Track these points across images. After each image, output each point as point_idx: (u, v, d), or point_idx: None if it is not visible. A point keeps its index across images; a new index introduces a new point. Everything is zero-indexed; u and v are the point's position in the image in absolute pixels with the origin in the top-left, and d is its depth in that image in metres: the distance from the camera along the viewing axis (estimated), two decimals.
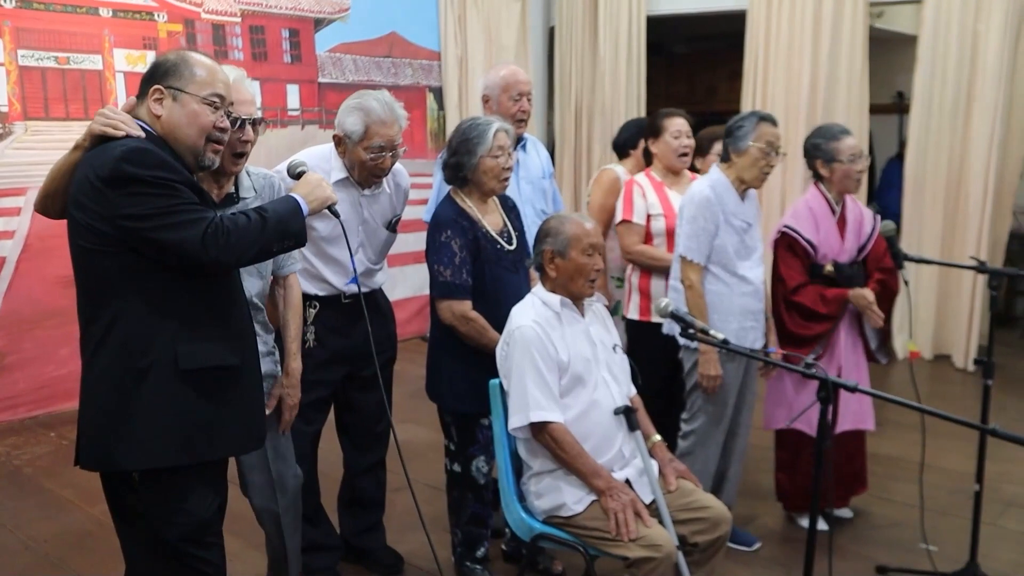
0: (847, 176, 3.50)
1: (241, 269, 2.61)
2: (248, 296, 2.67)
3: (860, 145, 3.56)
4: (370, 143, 2.93)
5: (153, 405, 2.12)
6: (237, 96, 2.51)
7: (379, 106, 2.93)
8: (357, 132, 2.94)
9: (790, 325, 3.50)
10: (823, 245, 3.53)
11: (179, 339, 2.14)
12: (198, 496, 2.22)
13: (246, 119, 2.52)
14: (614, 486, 2.58)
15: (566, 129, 7.88)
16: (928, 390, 5.70)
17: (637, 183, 3.84)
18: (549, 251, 2.76)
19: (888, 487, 4.16)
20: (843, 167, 3.49)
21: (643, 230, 3.80)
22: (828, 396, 2.33)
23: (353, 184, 3.06)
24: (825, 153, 3.51)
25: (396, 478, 4.20)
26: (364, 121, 2.93)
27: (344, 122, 2.97)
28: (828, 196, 3.56)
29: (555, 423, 2.62)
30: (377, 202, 3.16)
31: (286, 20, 6.19)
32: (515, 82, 3.66)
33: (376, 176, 3.03)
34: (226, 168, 2.54)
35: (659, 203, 3.78)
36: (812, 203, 3.56)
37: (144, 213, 2.04)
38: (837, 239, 3.56)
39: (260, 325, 2.71)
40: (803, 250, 3.51)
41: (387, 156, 2.97)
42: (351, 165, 3.03)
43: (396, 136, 2.97)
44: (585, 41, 7.67)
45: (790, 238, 3.50)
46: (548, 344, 2.67)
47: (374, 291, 3.27)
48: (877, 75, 7.32)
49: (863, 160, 3.54)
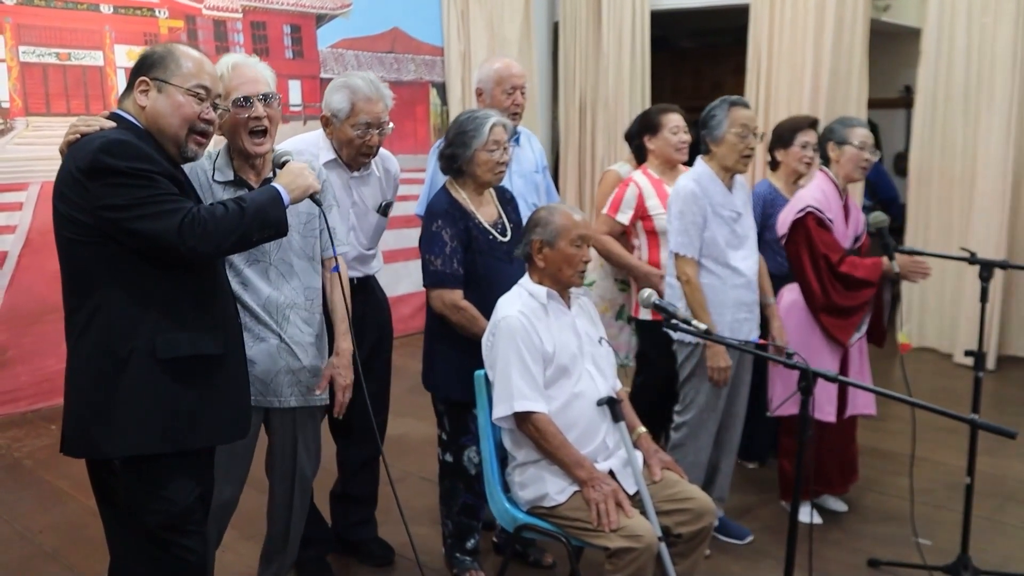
0: (855, 160, 3.53)
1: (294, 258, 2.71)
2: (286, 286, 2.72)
3: (872, 138, 3.59)
4: (356, 120, 2.99)
5: (133, 394, 2.15)
6: (240, 77, 2.58)
7: (364, 84, 3.00)
8: (344, 110, 3.00)
9: (836, 298, 3.50)
10: (834, 229, 3.55)
11: (159, 329, 2.17)
12: (179, 484, 2.24)
13: (251, 96, 2.57)
14: (596, 477, 2.58)
15: (570, 124, 7.86)
16: (938, 384, 5.65)
17: (635, 182, 3.83)
18: (537, 241, 2.76)
19: (883, 481, 4.15)
20: (853, 150, 3.53)
21: (620, 229, 3.83)
22: (808, 386, 2.33)
23: (342, 166, 3.10)
24: (838, 135, 3.57)
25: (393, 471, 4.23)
26: (350, 99, 2.99)
27: (331, 101, 3.03)
28: (836, 181, 3.58)
29: (539, 413, 2.63)
30: (367, 184, 3.19)
31: (288, 16, 6.21)
32: (509, 75, 3.65)
33: (364, 155, 3.07)
34: (248, 149, 2.59)
35: (659, 202, 3.77)
36: (824, 186, 3.58)
37: (122, 204, 2.07)
38: (843, 224, 3.58)
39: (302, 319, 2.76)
40: (829, 227, 3.52)
41: (374, 133, 3.03)
42: (339, 145, 3.07)
43: (382, 113, 3.02)
44: (589, 35, 7.65)
45: (817, 216, 3.50)
46: (533, 335, 2.67)
47: (368, 277, 3.29)
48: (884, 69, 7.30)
49: (873, 151, 3.55)
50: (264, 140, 2.64)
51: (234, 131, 2.63)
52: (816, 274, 3.50)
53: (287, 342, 2.73)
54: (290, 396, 2.77)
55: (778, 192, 3.98)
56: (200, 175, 2.67)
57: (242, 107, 2.59)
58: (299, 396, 2.79)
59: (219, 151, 2.73)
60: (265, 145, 2.64)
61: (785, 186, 4.01)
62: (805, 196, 3.55)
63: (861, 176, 3.59)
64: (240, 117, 2.60)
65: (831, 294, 3.50)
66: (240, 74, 2.61)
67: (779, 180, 4.09)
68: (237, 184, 2.67)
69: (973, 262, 3.20)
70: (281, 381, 2.74)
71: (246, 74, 2.61)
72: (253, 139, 2.61)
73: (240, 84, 2.59)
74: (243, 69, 2.62)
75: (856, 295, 3.50)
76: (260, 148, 2.63)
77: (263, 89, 2.62)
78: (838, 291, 3.50)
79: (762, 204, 3.95)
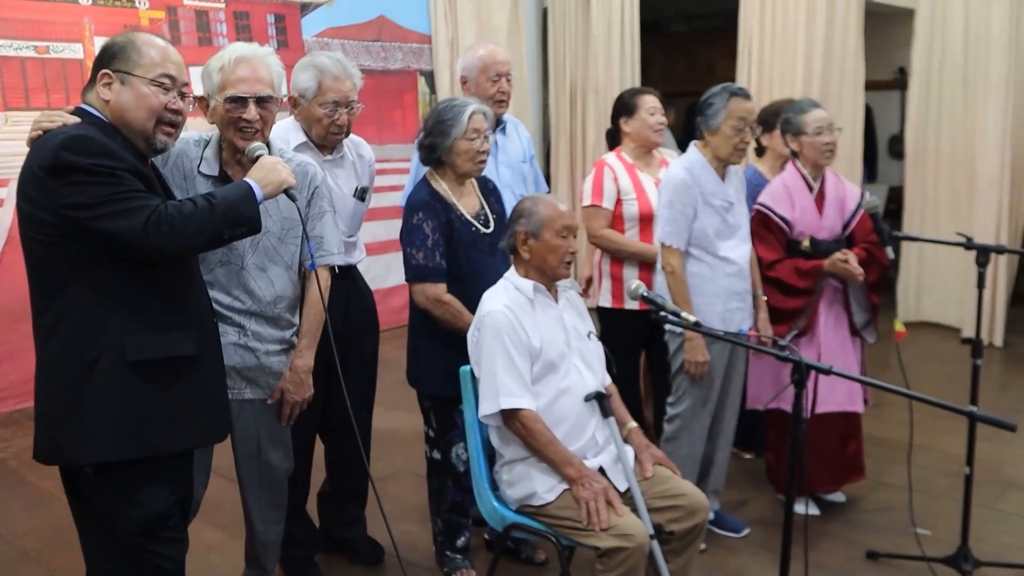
0: (815, 148, 3.45)
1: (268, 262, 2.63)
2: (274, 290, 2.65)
3: (829, 118, 3.48)
4: (324, 98, 2.94)
5: (103, 398, 2.09)
6: (240, 72, 2.50)
7: (331, 62, 2.95)
8: (311, 89, 2.94)
9: (770, 300, 3.48)
10: (799, 222, 3.48)
11: (128, 330, 2.10)
12: (153, 490, 2.18)
13: (247, 97, 2.48)
14: (585, 474, 2.51)
15: (561, 111, 7.78)
16: (943, 370, 5.56)
17: (609, 166, 3.76)
18: (522, 232, 2.69)
19: (882, 470, 4.08)
20: (809, 139, 3.45)
21: (611, 214, 3.73)
22: (802, 379, 2.26)
23: (313, 149, 3.04)
24: (793, 126, 3.49)
25: (384, 466, 4.18)
26: (317, 77, 2.94)
27: (297, 80, 2.97)
28: (804, 172, 3.51)
29: (526, 410, 2.56)
30: (340, 167, 3.13)
31: (271, 6, 6.11)
32: (493, 62, 3.56)
33: (334, 135, 3.01)
34: (236, 143, 2.52)
35: (632, 187, 3.70)
36: (788, 180, 3.52)
37: (85, 202, 2.01)
38: (815, 216, 3.50)
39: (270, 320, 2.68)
40: (777, 226, 3.47)
41: (342, 112, 2.97)
42: (307, 126, 3.02)
43: (350, 92, 2.97)
44: (578, 21, 7.55)
45: (763, 215, 3.47)
46: (519, 329, 2.60)
47: (351, 267, 3.21)
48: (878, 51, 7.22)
49: (831, 132, 3.46)
50: (254, 137, 2.55)
51: (223, 125, 2.55)
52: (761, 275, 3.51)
53: (247, 341, 2.65)
54: (245, 389, 2.68)
55: (763, 178, 3.91)
56: (185, 163, 2.59)
57: (235, 105, 2.50)
58: (255, 388, 2.70)
59: (209, 139, 2.65)
60: (255, 140, 2.54)
61: (771, 171, 3.93)
62: (764, 192, 3.52)
63: (828, 160, 3.49)
64: (230, 115, 2.51)
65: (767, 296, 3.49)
66: (240, 69, 2.51)
67: (765, 165, 4.01)
68: (221, 180, 2.58)
69: (970, 247, 3.13)
70: (234, 376, 2.64)
71: (247, 71, 2.51)
72: (243, 135, 2.53)
73: (237, 81, 2.50)
74: (245, 64, 2.51)
75: (789, 300, 3.49)
76: (248, 143, 2.52)
77: (261, 90, 2.52)
78: (772, 295, 3.49)
79: (749, 192, 3.88)
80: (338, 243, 2.84)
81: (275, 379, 2.72)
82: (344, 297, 3.13)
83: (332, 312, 3.05)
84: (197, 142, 2.63)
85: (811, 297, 3.47)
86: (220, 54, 2.55)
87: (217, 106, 2.52)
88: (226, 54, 2.54)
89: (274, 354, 2.71)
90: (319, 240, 2.75)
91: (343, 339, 3.12)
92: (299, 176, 2.65)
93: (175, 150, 2.58)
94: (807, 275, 3.45)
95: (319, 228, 2.75)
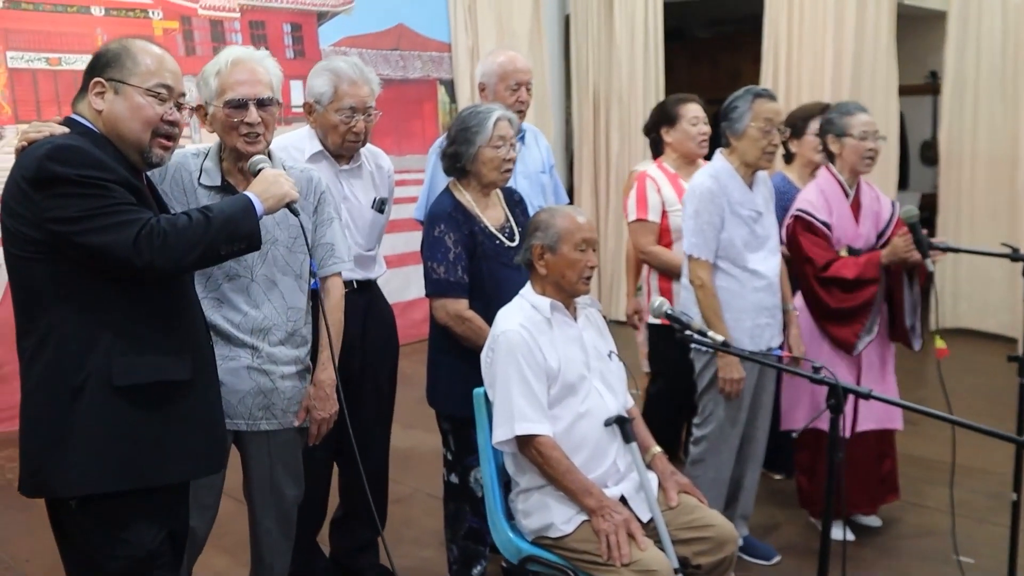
0: (857, 152, 3.27)
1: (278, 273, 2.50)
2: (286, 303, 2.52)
3: (875, 124, 3.32)
4: (340, 104, 2.83)
5: (89, 426, 1.96)
6: (237, 75, 2.39)
7: (348, 67, 2.85)
8: (327, 94, 2.84)
9: (832, 302, 3.27)
10: (837, 229, 3.31)
11: (115, 352, 1.97)
12: (142, 526, 2.04)
13: (247, 99, 2.37)
14: (606, 505, 2.35)
15: (584, 120, 7.63)
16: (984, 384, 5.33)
17: (651, 177, 3.62)
18: (539, 246, 2.54)
19: (921, 491, 3.89)
20: (853, 142, 3.27)
21: (658, 228, 3.59)
22: (839, 404, 2.10)
23: (329, 158, 2.93)
24: (837, 127, 3.31)
25: (401, 487, 4.04)
26: (333, 82, 2.83)
27: (313, 85, 2.86)
28: (840, 178, 3.33)
29: (542, 436, 2.40)
30: (358, 178, 3.01)
31: (288, 14, 6.01)
32: (513, 70, 3.43)
33: (351, 143, 2.89)
34: (241, 149, 2.41)
35: (676, 198, 3.56)
36: (823, 185, 3.35)
37: (70, 215, 1.89)
38: (851, 223, 3.33)
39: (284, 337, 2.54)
40: (821, 231, 3.29)
41: (359, 118, 2.85)
42: (323, 133, 2.90)
43: (368, 97, 2.86)
44: (601, 28, 7.42)
45: (806, 221, 3.28)
46: (536, 350, 2.45)
47: (370, 281, 3.09)
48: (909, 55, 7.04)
49: (876, 139, 3.29)
50: (258, 140, 2.43)
51: (224, 131, 2.43)
52: (806, 280, 3.30)
53: (261, 363, 2.51)
54: (261, 419, 2.54)
55: (792, 185, 3.74)
56: (184, 176, 2.47)
57: (235, 109, 2.39)
58: (271, 419, 2.56)
59: (208, 150, 2.53)
60: (259, 146, 2.43)
61: (800, 178, 3.77)
62: (800, 199, 3.34)
63: (868, 168, 3.32)
64: (231, 119, 2.39)
65: (824, 299, 3.28)
66: (237, 72, 2.40)
67: (794, 172, 3.85)
68: (224, 190, 2.46)
69: (1016, 259, 2.95)
70: (249, 403, 2.51)
71: (245, 73, 2.40)
72: (247, 139, 2.41)
73: (236, 84, 2.39)
74: (242, 67, 2.41)
75: (854, 296, 3.26)
76: (254, 148, 2.42)
77: (261, 92, 2.41)
78: (833, 295, 3.27)
79: (777, 199, 3.72)
80: (348, 249, 2.72)
81: (289, 404, 2.58)
82: (363, 313, 3.01)
83: (350, 328, 2.96)
84: (196, 154, 2.51)
85: (876, 287, 3.25)
86: (215, 59, 2.44)
87: (216, 112, 2.41)
88: (222, 58, 2.43)
89: (289, 377, 2.57)
90: (330, 247, 2.62)
91: (361, 356, 3.01)
92: (303, 183, 2.54)
93: (173, 163, 2.46)
94: (868, 265, 3.25)
95: (328, 235, 2.63)
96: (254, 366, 2.50)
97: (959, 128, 6.53)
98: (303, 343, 2.60)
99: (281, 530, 2.73)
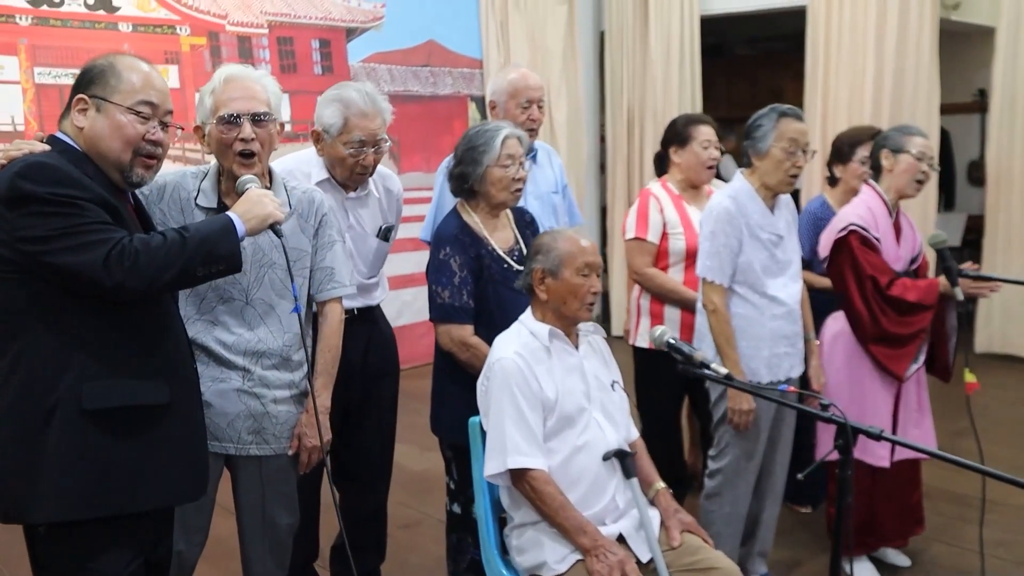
0: (911, 171, 3.11)
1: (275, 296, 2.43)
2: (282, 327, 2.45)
3: (934, 150, 3.21)
4: (349, 137, 2.71)
5: (59, 450, 1.91)
6: (230, 92, 2.34)
7: (359, 97, 2.71)
8: (336, 125, 2.72)
9: (888, 324, 3.09)
10: (882, 247, 3.14)
11: (88, 376, 1.92)
12: (114, 554, 1.98)
13: (240, 115, 2.32)
14: (601, 544, 2.22)
15: (618, 137, 7.51)
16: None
17: (654, 195, 3.49)
18: (539, 270, 2.43)
19: (953, 529, 3.68)
20: (909, 159, 3.11)
21: (655, 249, 3.45)
22: (847, 444, 1.96)
23: (336, 186, 2.83)
24: (894, 142, 3.15)
25: (410, 512, 3.95)
26: (343, 113, 2.70)
27: (322, 115, 2.75)
28: (885, 197, 3.17)
29: (536, 470, 2.29)
30: (365, 206, 2.93)
31: (316, 30, 5.98)
32: (524, 87, 3.35)
33: (359, 175, 2.80)
34: (235, 171, 2.35)
35: (679, 220, 3.42)
36: (870, 201, 3.17)
37: (42, 235, 1.84)
38: (893, 244, 3.17)
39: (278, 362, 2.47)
40: (876, 246, 3.12)
41: (369, 152, 2.74)
42: (331, 164, 2.81)
43: (379, 130, 2.74)
44: (636, 44, 7.30)
45: (861, 235, 3.10)
46: (532, 379, 2.34)
47: (371, 308, 3.00)
48: (955, 72, 6.83)
49: (932, 166, 3.15)
50: (253, 162, 2.37)
51: (220, 151, 2.37)
52: (863, 299, 3.09)
53: (252, 386, 2.43)
54: (251, 444, 2.46)
55: (831, 211, 3.58)
56: (182, 195, 2.42)
57: (228, 125, 2.33)
58: (263, 444, 2.48)
59: (207, 170, 2.47)
60: (254, 168, 2.37)
61: (840, 204, 3.60)
62: (848, 213, 3.16)
63: (915, 191, 3.16)
64: (225, 137, 2.34)
65: (882, 321, 3.09)
66: (231, 89, 2.35)
67: (834, 197, 3.69)
68: (220, 212, 2.39)
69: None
70: (239, 427, 2.44)
71: (238, 89, 2.35)
72: (241, 159, 2.35)
73: (229, 100, 2.34)
74: (236, 83, 2.36)
75: (911, 320, 3.08)
76: (247, 170, 2.36)
77: (255, 107, 2.35)
78: (890, 317, 3.08)
79: (814, 224, 3.56)
80: (350, 273, 2.65)
81: (282, 430, 2.51)
82: (364, 341, 2.94)
83: (350, 356, 2.88)
84: (195, 174, 2.46)
85: (931, 313, 3.10)
86: (212, 78, 2.39)
87: (212, 130, 2.35)
88: (216, 76, 2.38)
89: (282, 402, 2.49)
90: (330, 271, 2.55)
91: (361, 384, 2.93)
92: (304, 204, 2.48)
93: (171, 182, 2.43)
94: (926, 290, 3.08)
95: (329, 259, 2.55)
96: (244, 389, 2.43)
97: (1008, 148, 6.29)
98: (298, 367, 2.52)
99: (274, 559, 2.65)
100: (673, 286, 3.45)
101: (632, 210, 3.54)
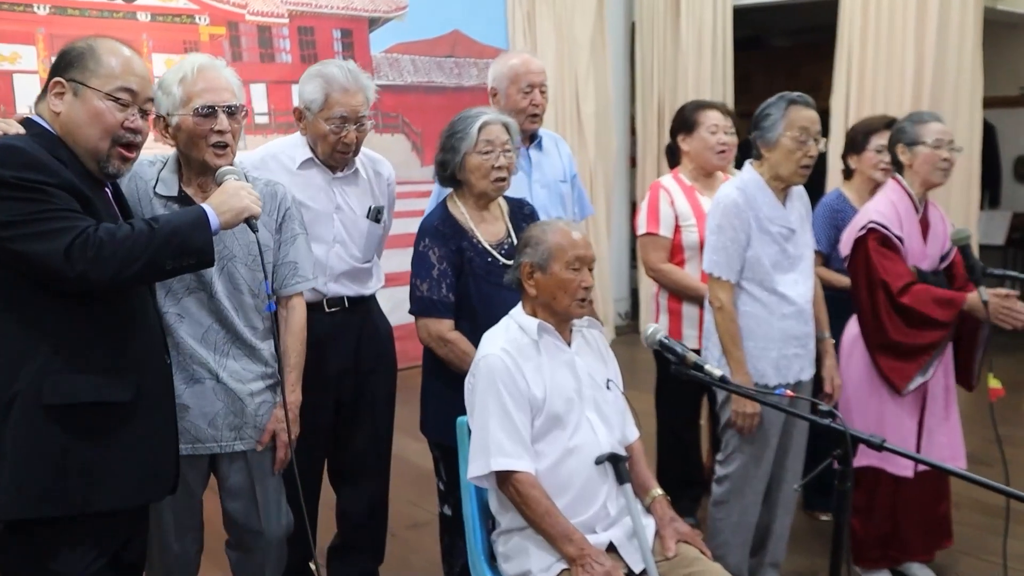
0: (931, 162, 2.94)
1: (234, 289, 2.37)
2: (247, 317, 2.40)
3: (950, 132, 3.01)
4: (331, 113, 2.67)
5: (16, 445, 1.85)
6: (205, 82, 2.28)
7: (341, 73, 2.68)
8: (317, 101, 2.68)
9: (894, 333, 2.93)
10: (906, 246, 2.98)
11: (49, 369, 1.86)
12: (71, 555, 1.91)
13: (216, 106, 2.26)
14: (587, 553, 2.11)
15: (648, 129, 7.35)
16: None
17: (664, 188, 3.37)
18: (527, 264, 2.32)
19: (981, 541, 3.50)
20: (926, 151, 2.95)
21: (669, 243, 3.33)
22: (847, 454, 1.82)
23: (320, 166, 2.78)
24: (908, 135, 2.99)
25: (418, 511, 3.85)
26: (324, 89, 2.67)
27: (303, 91, 2.72)
28: (911, 192, 3.00)
29: (521, 473, 2.18)
30: (353, 186, 2.86)
31: (338, 20, 5.90)
32: (526, 72, 3.24)
33: (341, 153, 2.74)
34: (209, 162, 2.29)
35: (691, 211, 3.30)
36: (893, 197, 3.01)
37: (4, 220, 1.78)
38: (919, 242, 3.01)
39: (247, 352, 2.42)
40: (897, 247, 2.96)
41: (350, 129, 2.69)
42: (313, 141, 2.76)
43: (360, 107, 2.69)
44: (667, 34, 7.13)
45: (881, 234, 2.94)
46: (518, 377, 2.23)
47: (364, 297, 2.91)
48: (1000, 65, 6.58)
49: (952, 149, 2.96)
50: (226, 152, 2.32)
51: (191, 142, 2.30)
52: (871, 304, 2.94)
53: (225, 383, 2.37)
54: (235, 440, 2.40)
55: (848, 204, 3.43)
56: (139, 185, 2.35)
57: (204, 117, 2.27)
58: (248, 439, 2.43)
59: (166, 159, 2.40)
60: (228, 157, 2.33)
61: (858, 197, 3.45)
62: (870, 209, 2.99)
63: (943, 179, 2.98)
64: (200, 128, 2.27)
65: (888, 329, 2.93)
66: (206, 79, 2.29)
67: (851, 190, 3.53)
68: (181, 201, 2.34)
69: None
70: (220, 424, 2.38)
71: (213, 80, 2.30)
72: (216, 150, 2.30)
73: (204, 91, 2.28)
74: (210, 73, 2.31)
75: (919, 334, 2.91)
76: (222, 160, 2.31)
77: (229, 99, 2.31)
78: (896, 326, 2.92)
79: (830, 217, 3.40)
80: (312, 265, 2.59)
81: (262, 422, 2.45)
82: (355, 334, 2.86)
83: (342, 349, 2.83)
84: (152, 162, 2.40)
85: (946, 333, 2.93)
86: (177, 67, 2.32)
87: (183, 121, 2.28)
88: (186, 65, 2.31)
89: (258, 394, 2.44)
90: (293, 266, 2.49)
91: (354, 379, 2.85)
92: (267, 198, 2.40)
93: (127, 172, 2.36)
94: (947, 305, 2.90)
95: (292, 253, 2.50)
96: (220, 384, 2.37)
97: None
98: (270, 360, 2.46)
99: (268, 564, 2.58)
100: (689, 282, 3.33)
101: (643, 205, 3.43)
